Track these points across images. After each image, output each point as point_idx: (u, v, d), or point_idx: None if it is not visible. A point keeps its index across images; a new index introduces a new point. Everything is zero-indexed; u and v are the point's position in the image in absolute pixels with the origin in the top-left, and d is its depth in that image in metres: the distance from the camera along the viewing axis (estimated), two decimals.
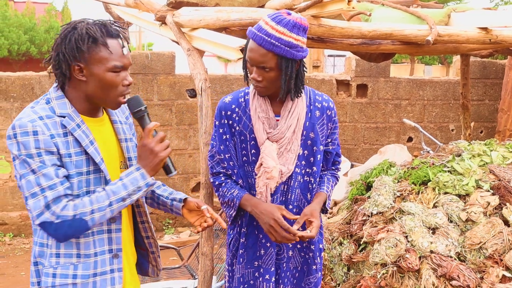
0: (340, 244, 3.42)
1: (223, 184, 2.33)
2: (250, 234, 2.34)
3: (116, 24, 1.85)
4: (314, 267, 2.40)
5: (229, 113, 2.29)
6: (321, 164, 2.37)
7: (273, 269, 2.31)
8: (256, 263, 2.33)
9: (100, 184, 1.82)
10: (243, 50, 2.60)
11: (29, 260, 5.44)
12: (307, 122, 2.27)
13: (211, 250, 2.76)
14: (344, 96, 6.91)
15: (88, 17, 1.86)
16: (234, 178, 2.33)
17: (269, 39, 2.03)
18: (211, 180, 2.40)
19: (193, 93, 6.39)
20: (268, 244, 2.30)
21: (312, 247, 2.38)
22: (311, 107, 2.29)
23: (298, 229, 2.17)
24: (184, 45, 3.02)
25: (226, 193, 2.30)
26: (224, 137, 2.30)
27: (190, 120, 6.40)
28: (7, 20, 25.00)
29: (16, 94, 5.89)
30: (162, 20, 3.26)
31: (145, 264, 2.12)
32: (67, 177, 1.74)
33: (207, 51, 3.02)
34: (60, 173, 1.71)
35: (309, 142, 2.28)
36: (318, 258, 2.41)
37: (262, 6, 3.30)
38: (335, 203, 3.99)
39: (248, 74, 2.19)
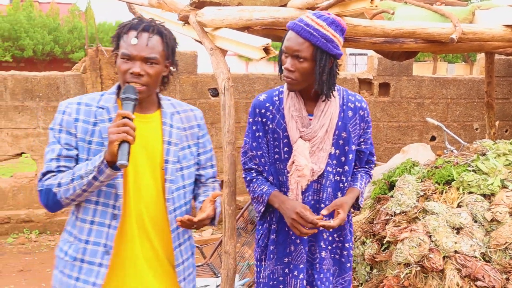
0: (363, 243, 3.40)
1: (254, 180, 2.37)
2: (280, 230, 2.36)
3: (151, 21, 1.94)
4: (348, 265, 2.42)
5: (263, 111, 2.32)
6: (354, 163, 2.39)
7: (302, 266, 2.31)
8: (286, 259, 2.35)
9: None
10: (266, 49, 2.62)
11: (54, 256, 5.53)
12: (340, 122, 2.28)
13: (234, 249, 2.78)
14: (366, 95, 6.87)
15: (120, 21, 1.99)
16: (265, 174, 2.36)
17: (307, 28, 2.08)
18: (243, 175, 2.44)
19: (215, 92, 6.42)
20: (298, 241, 2.32)
21: (346, 245, 2.40)
22: (344, 107, 2.31)
23: (324, 218, 2.18)
24: (207, 44, 3.04)
25: (256, 189, 2.33)
26: (257, 134, 2.34)
27: (212, 119, 6.44)
28: (32, 21, 25.42)
29: (41, 93, 5.99)
30: (185, 20, 3.28)
31: None
32: (77, 159, 1.89)
33: (230, 50, 3.04)
34: (65, 152, 1.87)
35: (341, 141, 2.29)
36: (350, 257, 2.43)
37: (284, 5, 3.30)
38: None
39: (281, 65, 2.20)
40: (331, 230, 2.28)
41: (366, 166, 2.50)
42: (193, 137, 2.11)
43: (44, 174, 1.87)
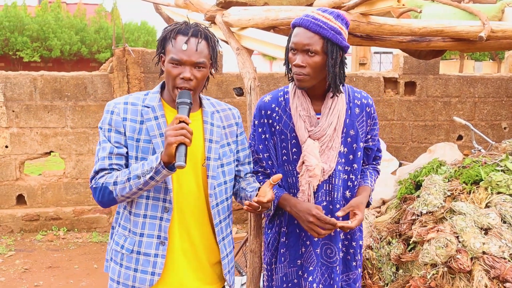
0: (389, 243, 3.38)
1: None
2: (291, 233, 2.34)
3: (197, 25, 2.00)
4: (354, 263, 2.39)
5: (269, 112, 2.29)
6: (362, 160, 2.38)
7: (311, 268, 2.28)
8: (299, 261, 2.33)
9: None
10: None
11: (82, 254, 5.64)
12: (347, 120, 2.26)
13: (259, 247, 2.79)
14: (392, 94, 6.81)
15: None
16: None
17: (316, 21, 2.07)
18: None
19: (240, 92, 6.45)
20: (308, 243, 2.29)
21: (354, 243, 2.38)
22: (351, 104, 2.29)
23: (339, 219, 2.19)
24: (233, 44, 3.06)
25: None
26: (263, 136, 2.31)
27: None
28: (60, 22, 25.84)
29: (70, 93, 6.09)
30: (211, 20, 3.31)
31: None
32: (127, 157, 1.97)
33: (256, 50, 3.05)
34: (116, 150, 1.95)
35: (349, 139, 2.28)
36: (359, 255, 2.40)
37: (311, 5, 3.30)
38: (384, 202, 3.95)
39: (290, 65, 2.17)
40: (348, 231, 2.26)
41: (374, 163, 2.49)
42: (232, 135, 2.18)
43: (97, 172, 1.94)
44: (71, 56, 26.52)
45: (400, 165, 4.62)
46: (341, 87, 2.19)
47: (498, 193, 3.18)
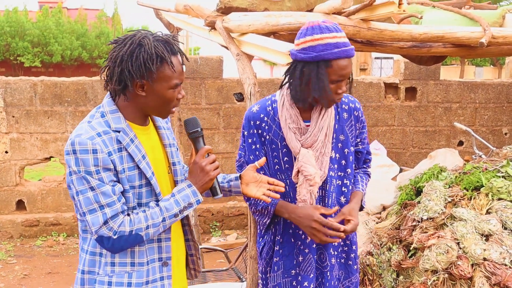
0: (389, 249, 3.37)
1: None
2: (285, 242, 2.32)
3: (175, 39, 1.87)
4: (355, 266, 2.39)
5: (258, 122, 2.27)
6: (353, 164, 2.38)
7: (312, 275, 2.28)
8: (293, 271, 2.31)
9: (151, 196, 1.87)
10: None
11: None
12: (336, 125, 2.27)
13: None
14: (393, 100, 6.81)
15: (144, 29, 1.88)
16: None
17: (351, 46, 2.10)
18: None
19: (240, 97, 6.45)
20: (307, 250, 2.28)
21: (354, 247, 2.38)
22: (339, 109, 2.30)
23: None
24: (233, 50, 3.05)
25: (258, 201, 2.27)
26: (254, 146, 2.28)
27: (237, 124, 6.46)
28: (61, 27, 25.92)
29: (70, 98, 6.10)
30: (211, 26, 3.31)
31: None
32: (123, 192, 1.80)
33: (256, 55, 3.05)
34: (117, 189, 1.77)
35: (340, 145, 2.28)
36: (356, 259, 2.41)
37: (311, 10, 3.30)
38: (384, 208, 3.94)
39: (331, 93, 2.09)
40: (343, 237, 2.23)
41: (364, 166, 2.48)
42: (172, 134, 2.10)
43: (106, 221, 1.75)
44: (72, 61, 26.59)
45: (401, 170, 4.62)
46: None
47: (499, 199, 3.17)
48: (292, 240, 2.31)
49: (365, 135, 2.41)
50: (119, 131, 1.80)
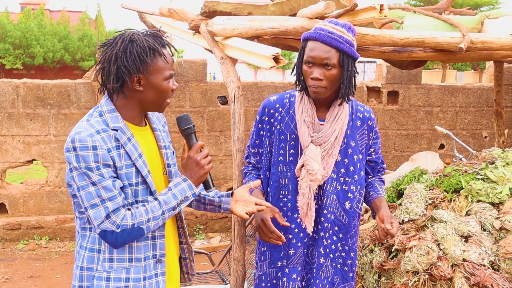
0: (371, 251, 3.41)
1: (247, 174, 2.48)
2: None
3: (162, 32, 1.95)
4: (351, 274, 2.41)
5: (271, 111, 2.37)
6: (367, 173, 2.47)
7: (300, 268, 2.35)
8: (279, 263, 2.37)
9: (147, 194, 1.92)
10: (276, 58, 2.65)
11: (65, 263, 5.58)
12: (349, 130, 2.32)
13: (243, 256, 2.80)
14: (375, 103, 6.88)
15: (130, 28, 1.95)
16: (261, 172, 2.45)
17: (332, 35, 2.13)
18: (243, 168, 2.57)
19: (224, 100, 6.47)
20: (299, 244, 2.34)
21: (352, 254, 2.41)
22: (353, 116, 2.35)
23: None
24: (217, 53, 3.07)
25: (245, 183, 2.43)
26: (262, 132, 2.40)
27: (221, 127, 6.47)
28: (43, 29, 25.71)
29: (53, 101, 6.06)
30: (196, 29, 3.33)
31: None
32: (122, 188, 1.85)
33: (240, 59, 3.07)
34: (117, 184, 1.82)
35: (349, 150, 2.33)
36: (354, 266, 2.43)
37: (294, 15, 3.34)
38: (366, 210, 3.98)
39: (305, 78, 2.23)
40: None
41: (379, 174, 2.56)
42: (168, 137, 2.15)
43: (108, 215, 1.79)
44: (54, 63, 26.38)
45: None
46: (352, 94, 2.27)
47: (478, 201, 3.23)
48: (282, 233, 2.32)
49: (379, 146, 2.48)
50: (117, 130, 1.85)
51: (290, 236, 2.34)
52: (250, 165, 2.50)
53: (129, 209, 1.84)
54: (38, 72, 26.79)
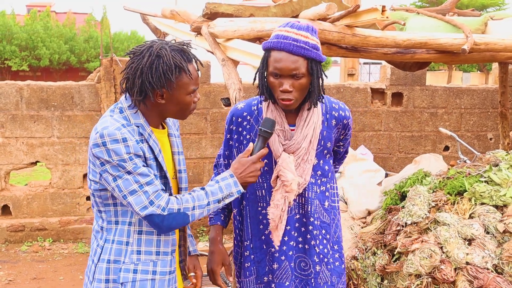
0: (374, 254, 3.39)
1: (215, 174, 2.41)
2: (257, 248, 2.28)
3: (189, 46, 1.96)
4: (343, 266, 2.35)
5: (239, 120, 2.25)
6: None
7: (288, 283, 2.23)
8: (265, 278, 2.26)
9: (166, 190, 1.96)
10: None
11: (68, 265, 5.58)
12: (325, 132, 2.22)
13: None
14: (379, 105, 6.85)
15: (159, 40, 1.96)
16: None
17: (298, 44, 2.00)
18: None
19: (228, 102, 6.46)
20: (283, 258, 2.22)
21: (336, 246, 2.34)
22: (327, 115, 2.24)
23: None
24: (219, 55, 3.07)
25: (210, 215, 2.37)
26: (231, 142, 2.28)
27: (224, 129, 6.46)
28: (49, 31, 25.79)
29: (56, 103, 6.07)
30: (197, 31, 3.32)
31: None
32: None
33: (241, 61, 3.07)
34: (152, 172, 1.87)
35: (325, 151, 2.24)
36: (342, 257, 2.37)
37: (296, 16, 3.33)
38: (369, 213, 3.96)
39: (272, 90, 2.09)
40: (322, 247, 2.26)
41: (341, 161, 2.52)
42: (181, 143, 2.19)
43: (151, 201, 1.83)
44: (60, 65, 26.46)
45: (386, 175, 4.64)
46: (320, 99, 2.16)
47: (482, 204, 3.21)
48: (264, 247, 2.26)
49: (348, 141, 2.40)
50: (138, 126, 1.89)
51: (273, 250, 2.23)
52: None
53: (175, 197, 1.88)
54: (44, 74, 26.88)
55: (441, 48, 3.29)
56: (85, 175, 6.12)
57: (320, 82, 2.09)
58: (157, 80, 1.83)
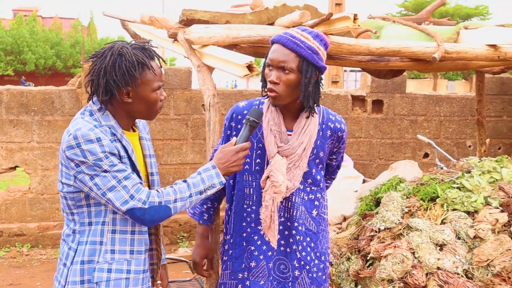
0: (348, 259, 3.42)
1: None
2: (236, 244, 2.32)
3: (151, 45, 1.99)
4: (324, 277, 2.36)
5: (239, 117, 2.29)
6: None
7: (262, 282, 2.26)
8: (240, 275, 2.30)
9: None
10: (250, 67, 2.66)
11: (46, 270, 5.54)
12: (319, 141, 2.26)
13: (217, 263, 2.79)
14: (360, 112, 6.91)
15: (119, 40, 2.00)
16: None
17: (293, 39, 2.08)
18: None
19: None
20: (261, 257, 2.26)
21: (323, 258, 2.36)
22: (323, 126, 2.28)
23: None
24: (194, 61, 3.09)
25: (196, 210, 2.45)
26: (231, 139, 2.28)
27: (205, 134, 6.46)
28: (35, 35, 25.68)
29: (37, 107, 6.04)
30: (174, 37, 3.34)
31: None
32: None
33: (216, 67, 3.09)
34: (128, 167, 1.88)
35: (317, 160, 2.28)
36: (326, 269, 2.39)
37: (272, 24, 3.36)
38: (345, 218, 3.99)
39: (266, 82, 2.15)
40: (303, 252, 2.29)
41: (333, 176, 2.56)
42: (152, 146, 2.20)
43: (132, 196, 1.84)
44: (46, 70, 26.32)
45: (364, 182, 4.68)
46: (316, 105, 2.20)
47: (454, 209, 3.25)
48: (244, 244, 2.29)
49: (342, 155, 2.45)
50: (109, 127, 1.90)
51: (253, 248, 2.27)
52: None
53: (156, 190, 1.90)
54: (29, 79, 26.70)
55: (414, 56, 3.34)
56: None
57: (311, 85, 2.11)
58: (121, 78, 1.86)
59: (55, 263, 5.75)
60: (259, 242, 2.27)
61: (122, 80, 1.86)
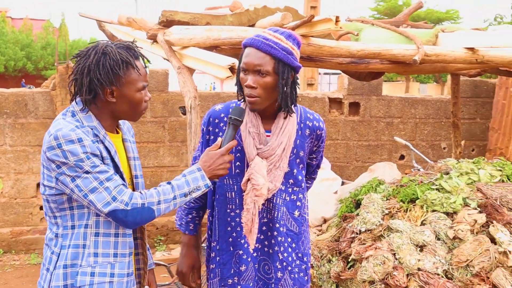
0: (329, 261, 3.42)
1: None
2: (223, 250, 2.29)
3: (135, 45, 1.95)
4: (306, 278, 2.35)
5: (216, 121, 2.26)
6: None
7: (251, 284, 2.26)
8: (230, 280, 2.28)
9: None
10: (232, 69, 2.64)
11: (19, 276, 5.41)
12: (298, 140, 2.25)
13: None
14: (337, 114, 6.95)
15: (103, 40, 1.96)
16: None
17: (267, 42, 2.04)
18: None
19: (185, 110, 6.42)
20: (249, 259, 2.25)
21: (305, 258, 2.35)
22: (302, 125, 2.27)
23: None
24: (174, 63, 3.06)
25: (185, 206, 2.40)
26: (209, 144, 2.27)
27: (182, 137, 6.42)
28: (4, 37, 25.15)
29: (9, 110, 5.91)
30: (153, 38, 3.31)
31: None
32: None
33: (197, 69, 3.06)
34: (110, 168, 1.84)
35: (298, 160, 2.27)
36: (308, 269, 2.38)
37: (253, 25, 3.35)
38: (325, 220, 4.00)
39: (242, 86, 2.13)
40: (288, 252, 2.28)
41: (313, 176, 2.54)
42: (136, 149, 2.16)
43: (114, 198, 1.80)
44: (16, 72, 25.79)
45: (343, 183, 4.70)
46: (293, 107, 2.18)
47: (433, 211, 3.28)
48: (231, 249, 2.27)
49: (321, 154, 2.43)
50: (92, 128, 1.87)
51: (241, 252, 2.26)
52: None
53: (140, 191, 1.87)
54: None
55: (394, 59, 3.37)
56: (38, 184, 5.96)
57: (288, 86, 2.10)
58: (105, 76, 1.83)
59: (29, 269, 5.63)
60: (246, 245, 2.25)
61: (106, 79, 1.83)
